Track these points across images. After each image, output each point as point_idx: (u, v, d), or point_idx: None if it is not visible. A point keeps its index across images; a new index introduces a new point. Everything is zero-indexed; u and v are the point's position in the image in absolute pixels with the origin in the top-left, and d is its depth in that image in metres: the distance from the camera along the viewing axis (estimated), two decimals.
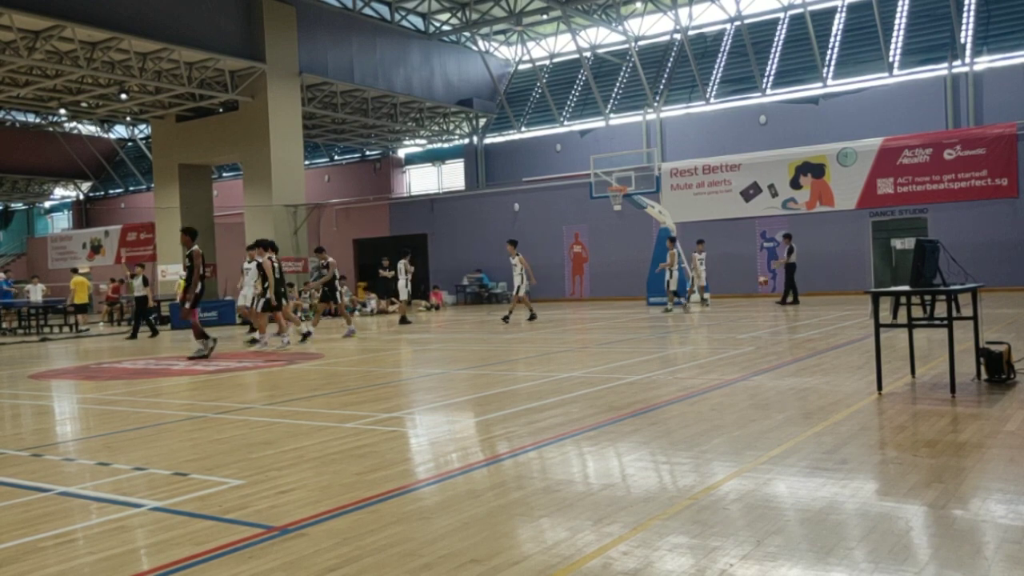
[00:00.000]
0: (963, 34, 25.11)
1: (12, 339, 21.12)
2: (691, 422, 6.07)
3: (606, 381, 8.39)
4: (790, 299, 20.89)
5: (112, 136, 40.70)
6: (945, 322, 6.62)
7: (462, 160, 35.18)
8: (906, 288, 6.97)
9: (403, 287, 20.20)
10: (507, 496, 4.28)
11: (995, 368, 7.11)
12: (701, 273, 22.47)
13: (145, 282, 20.51)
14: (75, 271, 25.76)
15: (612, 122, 30.95)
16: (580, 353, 11.76)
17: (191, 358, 12.83)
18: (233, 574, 3.29)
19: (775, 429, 5.67)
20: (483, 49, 34.04)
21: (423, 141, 36.32)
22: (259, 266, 14.76)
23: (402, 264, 20.14)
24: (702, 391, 7.47)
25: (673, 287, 20.30)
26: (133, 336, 19.70)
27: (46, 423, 7.91)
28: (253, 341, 15.12)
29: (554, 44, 34.21)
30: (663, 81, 30.82)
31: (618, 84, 32.09)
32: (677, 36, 30.62)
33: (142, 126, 36.95)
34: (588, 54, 32.07)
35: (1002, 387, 6.93)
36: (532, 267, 20.71)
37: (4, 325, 23.78)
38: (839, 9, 28.20)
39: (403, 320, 20.36)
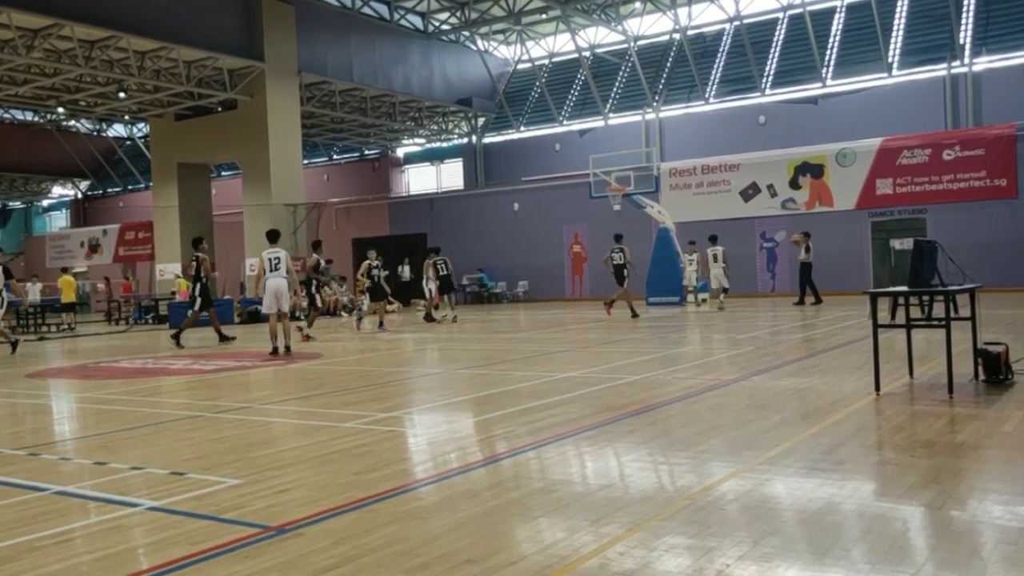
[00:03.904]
0: (962, 35, 25.11)
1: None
2: (689, 422, 6.07)
3: (605, 381, 8.39)
4: (811, 299, 20.67)
5: (110, 135, 40.66)
6: (943, 323, 6.62)
7: (461, 159, 35.18)
8: (904, 289, 6.97)
9: (445, 288, 20.47)
10: (505, 496, 4.28)
11: (993, 369, 7.11)
12: (691, 274, 22.52)
13: None
14: (64, 270, 25.74)
15: (611, 122, 30.94)
16: (579, 353, 11.76)
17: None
18: (229, 574, 3.28)
19: (773, 429, 5.67)
20: (482, 48, 34.03)
21: (422, 140, 36.31)
22: None
23: (434, 263, 20.29)
24: (701, 391, 7.47)
25: (722, 284, 20.38)
26: None
27: (43, 422, 7.90)
28: None
29: (553, 44, 34.19)
30: (662, 81, 30.81)
31: (617, 84, 32.08)
32: (676, 36, 30.61)
33: (140, 125, 36.90)
34: (587, 54, 32.06)
35: (1000, 388, 6.93)
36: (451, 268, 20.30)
37: (2, 324, 23.70)
38: (838, 9, 28.20)
39: (428, 318, 20.37)
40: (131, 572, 3.37)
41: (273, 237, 13.77)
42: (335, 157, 39.05)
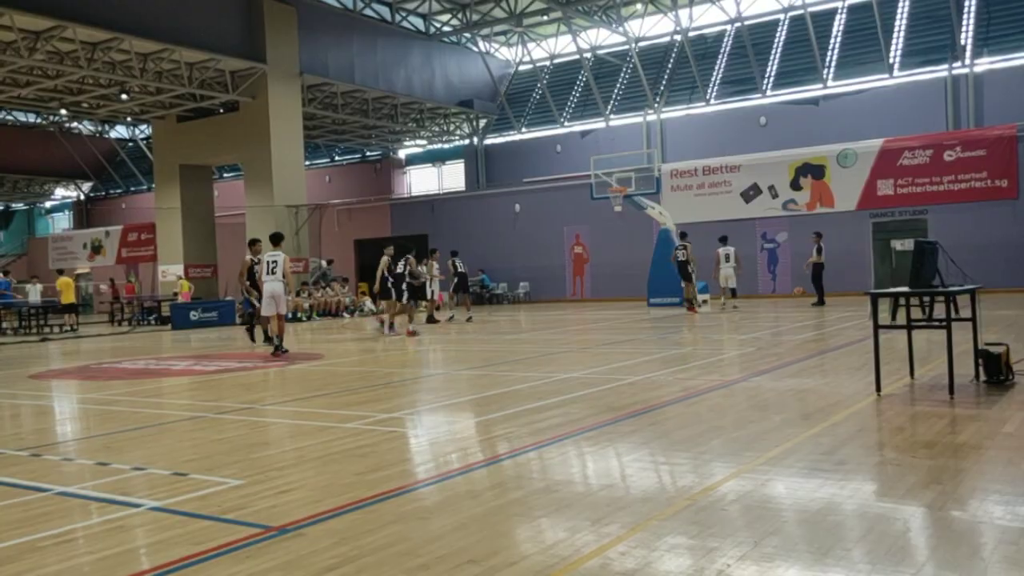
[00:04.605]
0: (963, 35, 25.11)
1: (12, 339, 21.15)
2: (690, 423, 6.07)
3: (606, 382, 8.39)
4: (814, 299, 20.77)
5: (113, 136, 40.71)
6: (944, 323, 6.62)
7: (462, 161, 35.20)
8: (905, 289, 6.98)
9: (462, 287, 20.45)
10: (506, 496, 4.29)
11: (994, 369, 7.11)
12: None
13: None
14: (60, 272, 25.74)
15: (612, 123, 30.95)
16: (581, 354, 11.76)
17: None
18: (231, 574, 3.29)
19: (774, 430, 5.67)
20: (484, 50, 34.05)
21: (423, 142, 36.33)
22: None
23: (453, 263, 20.26)
24: (702, 392, 7.48)
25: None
26: None
27: (46, 423, 7.92)
28: None
29: (555, 45, 34.21)
30: (663, 82, 30.83)
31: (618, 85, 32.10)
32: (677, 37, 30.62)
33: (143, 126, 36.94)
34: (588, 55, 32.08)
35: (1001, 388, 6.93)
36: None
37: (4, 325, 23.77)
38: (839, 10, 28.20)
39: (431, 319, 20.28)
40: (133, 572, 3.38)
41: (276, 240, 13.77)
42: (337, 158, 39.07)
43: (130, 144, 41.68)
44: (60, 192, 45.93)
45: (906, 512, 3.75)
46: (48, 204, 48.53)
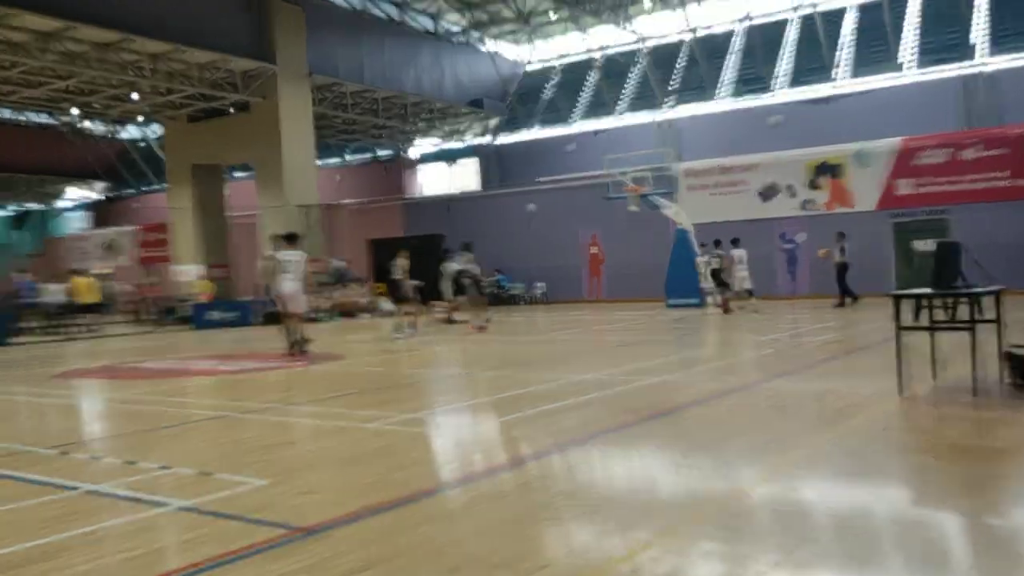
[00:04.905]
0: (977, 34, 24.93)
1: (36, 339, 21.27)
2: (712, 425, 6.04)
3: (627, 383, 8.36)
4: (850, 300, 20.66)
5: (125, 137, 40.92)
6: (968, 325, 6.55)
7: (475, 160, 35.19)
8: (928, 291, 6.91)
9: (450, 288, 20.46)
10: (531, 499, 4.27)
11: (1020, 371, 7.02)
12: (706, 275, 22.42)
13: None
14: (73, 272, 25.82)
15: (625, 122, 30.86)
16: (599, 355, 11.73)
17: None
18: (259, 574, 3.30)
19: (797, 432, 5.63)
20: (492, 50, 34.01)
21: (434, 141, 36.35)
22: None
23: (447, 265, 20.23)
24: (722, 394, 7.44)
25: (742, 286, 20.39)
26: None
27: (72, 422, 7.97)
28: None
29: (564, 45, 34.13)
30: (676, 81, 30.72)
31: (630, 84, 32.02)
32: (688, 36, 30.51)
33: (154, 126, 37.12)
34: (598, 55, 31.99)
35: None
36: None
37: (33, 324, 23.80)
38: (849, 9, 28.04)
39: (450, 320, 19.96)
40: (161, 572, 3.38)
41: (292, 239, 13.70)
42: (348, 158, 39.15)
43: (142, 144, 41.91)
44: (74, 192, 46.26)
45: (940, 518, 3.71)
46: (63, 204, 48.89)
